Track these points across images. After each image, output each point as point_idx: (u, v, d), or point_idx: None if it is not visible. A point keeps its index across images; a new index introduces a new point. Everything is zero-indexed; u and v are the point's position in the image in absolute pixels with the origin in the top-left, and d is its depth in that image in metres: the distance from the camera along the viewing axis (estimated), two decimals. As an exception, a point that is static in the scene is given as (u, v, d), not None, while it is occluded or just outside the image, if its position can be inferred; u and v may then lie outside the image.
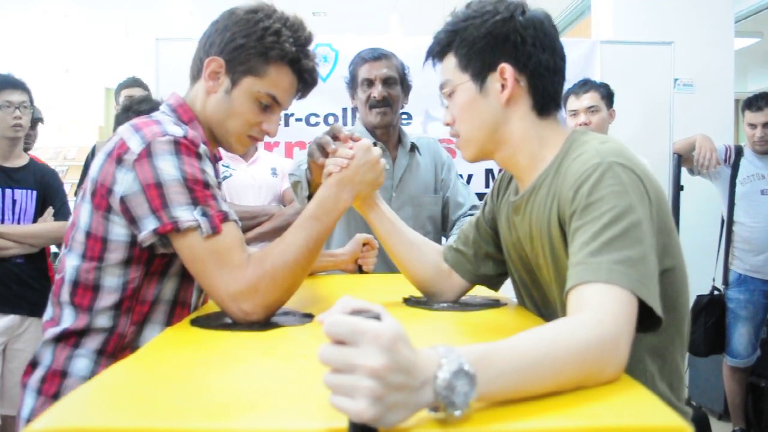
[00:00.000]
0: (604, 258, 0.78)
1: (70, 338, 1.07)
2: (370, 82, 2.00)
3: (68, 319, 1.07)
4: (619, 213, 0.82)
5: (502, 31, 0.99)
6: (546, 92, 1.01)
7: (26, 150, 2.84)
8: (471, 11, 1.02)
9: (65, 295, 1.07)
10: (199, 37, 1.16)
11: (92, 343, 1.06)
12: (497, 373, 0.60)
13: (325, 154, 1.17)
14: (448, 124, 1.09)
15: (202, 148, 1.04)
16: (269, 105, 1.13)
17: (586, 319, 0.73)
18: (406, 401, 0.53)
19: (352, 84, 2.07)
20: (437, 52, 1.06)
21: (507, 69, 0.99)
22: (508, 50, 0.99)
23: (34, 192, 2.43)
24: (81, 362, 1.06)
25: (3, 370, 2.38)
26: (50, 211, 2.41)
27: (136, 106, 2.17)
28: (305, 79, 1.16)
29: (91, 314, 1.06)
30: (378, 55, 2.01)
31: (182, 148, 1.01)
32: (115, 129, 2.22)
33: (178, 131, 1.03)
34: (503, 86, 1.00)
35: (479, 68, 1.01)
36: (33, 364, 1.09)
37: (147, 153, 1.00)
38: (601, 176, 0.86)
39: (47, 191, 2.46)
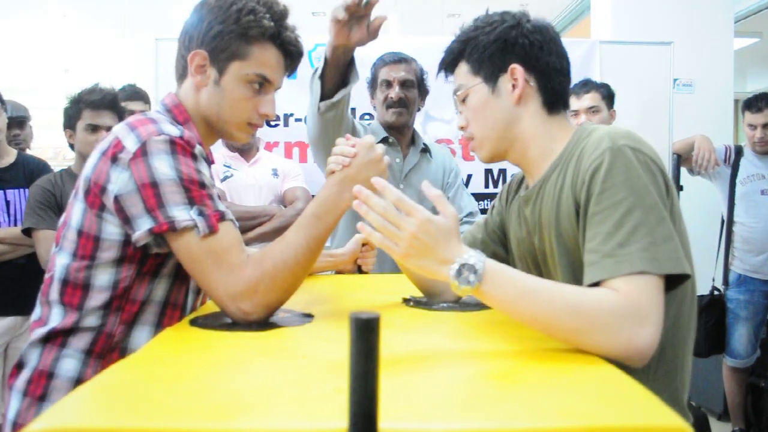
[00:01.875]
0: (633, 247, 0.84)
1: (57, 338, 1.05)
2: (388, 84, 2.10)
3: (56, 319, 1.05)
4: (637, 198, 0.87)
5: (511, 36, 1.05)
6: (554, 90, 1.07)
7: (23, 150, 2.83)
8: (479, 23, 1.09)
9: (54, 294, 1.06)
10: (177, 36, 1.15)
11: (79, 342, 1.05)
12: (506, 278, 0.85)
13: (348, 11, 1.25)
14: (462, 128, 1.13)
15: (198, 149, 1.04)
16: (261, 85, 1.12)
17: (611, 293, 0.83)
18: (429, 259, 0.86)
19: (372, 84, 2.17)
20: (449, 62, 1.12)
21: (517, 69, 1.05)
22: (517, 52, 1.05)
23: (27, 190, 2.36)
24: (68, 363, 1.04)
25: (5, 370, 2.38)
26: None
27: (86, 96, 2.11)
28: (290, 52, 1.15)
29: (80, 313, 1.05)
30: (398, 59, 2.11)
31: (178, 147, 1.01)
32: (65, 123, 2.15)
33: (174, 131, 1.03)
34: (514, 86, 1.05)
35: (491, 71, 1.06)
36: (19, 366, 1.08)
37: (142, 152, 0.99)
38: (614, 159, 0.90)
39: None
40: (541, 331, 0.85)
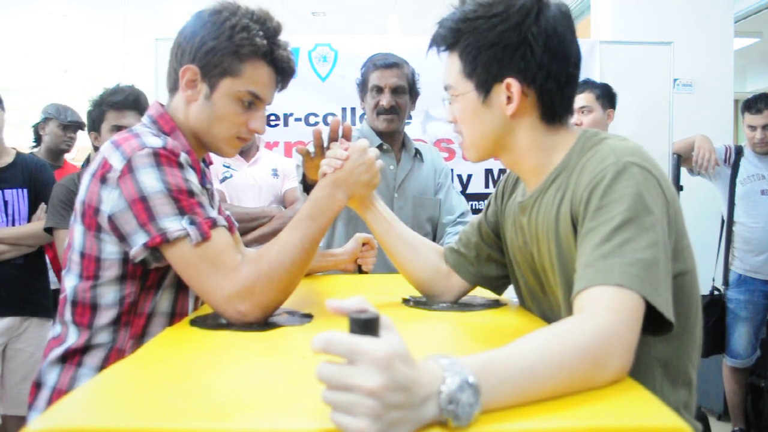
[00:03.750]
0: (616, 260, 0.77)
1: (74, 357, 1.08)
2: (379, 90, 2.04)
3: (72, 338, 1.08)
4: (633, 216, 0.80)
5: (511, 42, 0.92)
6: (555, 104, 0.97)
7: (63, 153, 3.03)
8: (480, 8, 0.94)
9: (67, 314, 1.09)
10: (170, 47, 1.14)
11: (93, 360, 1.07)
12: (500, 380, 0.60)
13: (320, 151, 1.18)
14: (449, 122, 1.05)
15: (183, 157, 1.04)
16: (252, 102, 1.12)
17: (586, 316, 0.73)
18: (407, 417, 0.53)
19: (362, 87, 2.11)
20: (441, 47, 1.00)
21: (513, 84, 0.94)
22: (515, 63, 0.93)
23: (25, 190, 2.38)
24: (84, 382, 1.05)
25: (3, 370, 2.38)
26: (43, 207, 2.37)
27: (109, 98, 2.11)
28: (282, 70, 1.14)
29: (92, 332, 1.07)
30: (389, 64, 2.04)
31: (162, 159, 1.01)
32: (89, 126, 2.17)
33: (156, 142, 1.02)
34: (509, 98, 0.95)
35: (484, 78, 0.95)
36: (38, 385, 1.10)
37: (129, 168, 0.99)
38: (616, 177, 0.84)
39: (38, 186, 2.41)
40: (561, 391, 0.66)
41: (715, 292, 3.04)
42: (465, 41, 0.95)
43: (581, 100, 2.57)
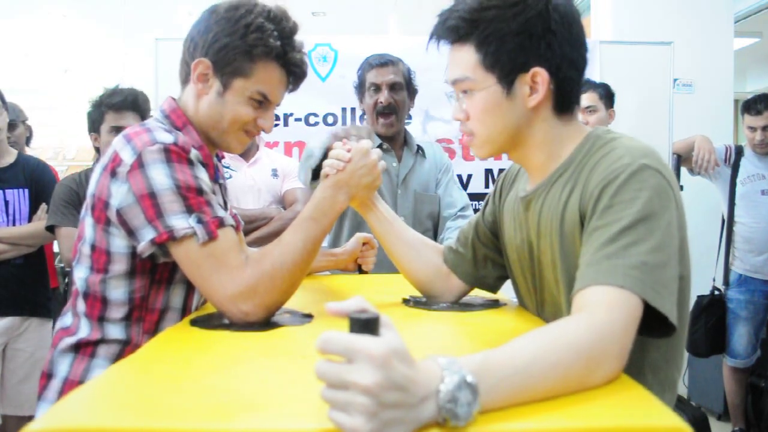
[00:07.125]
0: (620, 262, 0.77)
1: (87, 347, 1.07)
2: (377, 88, 2.07)
3: (85, 329, 1.08)
4: (642, 218, 0.80)
5: (538, 30, 0.90)
6: (573, 92, 0.96)
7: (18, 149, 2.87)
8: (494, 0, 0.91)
9: (80, 306, 1.09)
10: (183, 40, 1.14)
11: (107, 352, 1.07)
12: (497, 379, 0.60)
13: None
14: (458, 119, 1.00)
15: (194, 154, 1.04)
16: (261, 101, 1.12)
17: (583, 315, 0.73)
18: (404, 417, 0.53)
19: (360, 89, 2.14)
20: (449, 39, 0.95)
21: (541, 74, 0.92)
22: (542, 53, 0.91)
23: (26, 190, 2.39)
24: (98, 373, 1.06)
25: (3, 370, 2.38)
26: (44, 207, 2.37)
27: (108, 99, 2.12)
28: (294, 72, 1.14)
29: (104, 325, 1.07)
30: (385, 62, 2.08)
31: (173, 155, 1.01)
32: (89, 127, 2.18)
33: (168, 138, 1.02)
34: (531, 89, 0.93)
35: (509, 69, 0.92)
36: (48, 376, 1.09)
37: (139, 163, 0.99)
38: (629, 177, 0.84)
39: (39, 187, 2.41)
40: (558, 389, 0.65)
41: (716, 292, 3.04)
42: (484, 31, 0.91)
43: (586, 99, 2.58)
